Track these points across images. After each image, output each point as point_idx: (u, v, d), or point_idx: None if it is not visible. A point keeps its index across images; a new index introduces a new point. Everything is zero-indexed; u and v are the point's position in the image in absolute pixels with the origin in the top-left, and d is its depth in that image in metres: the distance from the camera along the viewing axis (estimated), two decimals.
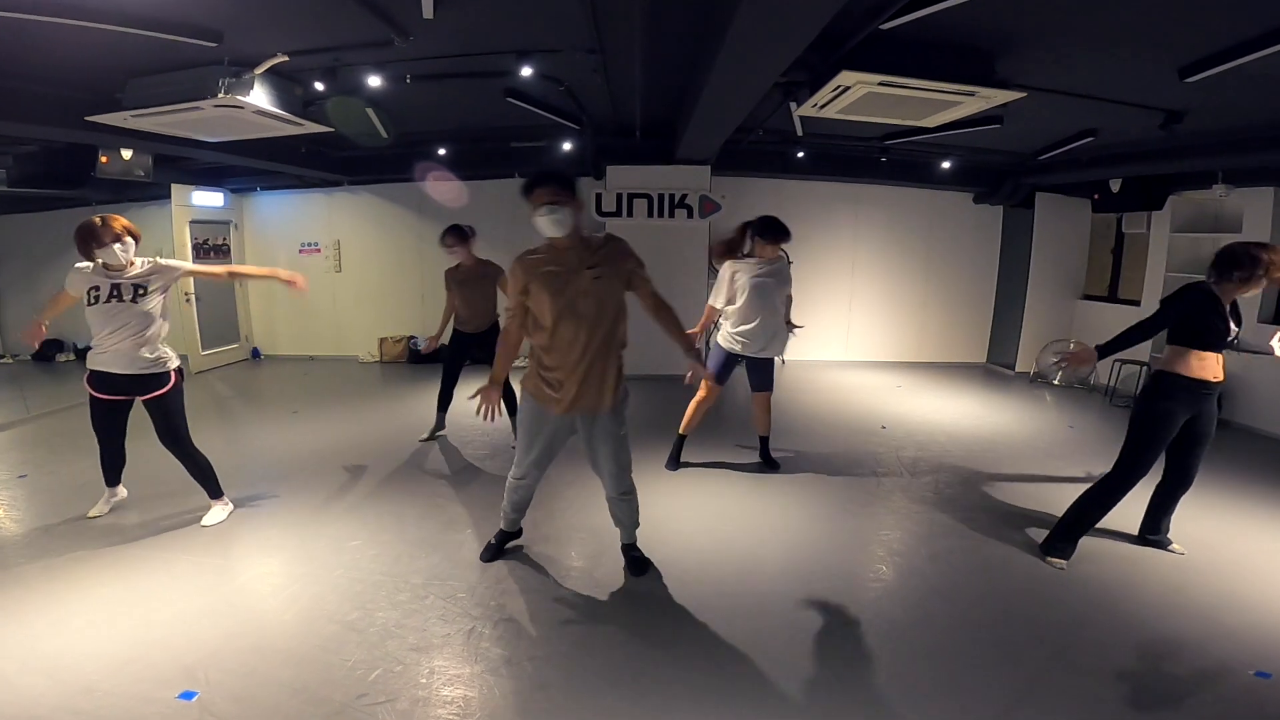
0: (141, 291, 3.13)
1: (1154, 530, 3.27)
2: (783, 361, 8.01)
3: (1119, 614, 2.71)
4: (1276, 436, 5.29)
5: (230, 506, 3.56)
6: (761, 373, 4.17)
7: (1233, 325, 2.92)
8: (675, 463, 4.33)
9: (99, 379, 3.19)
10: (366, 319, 8.24)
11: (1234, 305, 2.97)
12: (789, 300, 4.22)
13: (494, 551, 3.09)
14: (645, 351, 7.31)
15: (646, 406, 5.72)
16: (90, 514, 3.48)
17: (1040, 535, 3.34)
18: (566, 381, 2.62)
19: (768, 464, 4.36)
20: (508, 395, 4.70)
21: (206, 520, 3.43)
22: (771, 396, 4.25)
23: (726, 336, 4.08)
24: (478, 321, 4.72)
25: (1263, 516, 3.69)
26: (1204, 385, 2.91)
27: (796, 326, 4.35)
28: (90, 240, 3.06)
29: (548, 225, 2.60)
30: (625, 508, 2.94)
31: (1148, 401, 3.00)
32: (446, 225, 4.71)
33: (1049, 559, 3.13)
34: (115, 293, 3.09)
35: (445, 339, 4.88)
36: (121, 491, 3.62)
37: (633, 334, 2.83)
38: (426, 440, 4.91)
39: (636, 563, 3.00)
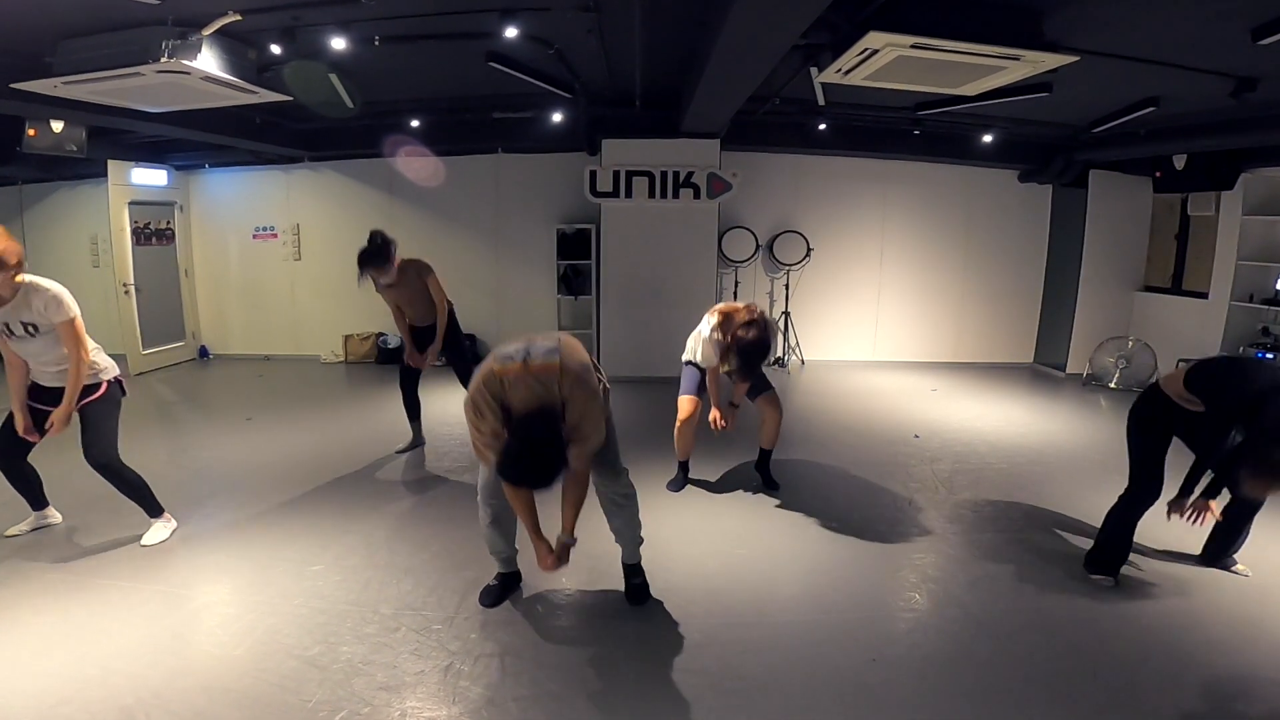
0: (33, 330, 3.06)
1: (1219, 553, 3.29)
2: (801, 363, 8.02)
3: (1183, 648, 2.71)
4: None
5: (173, 523, 3.56)
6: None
7: None
8: (680, 485, 4.30)
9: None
10: (329, 314, 8.24)
11: None
12: None
13: (496, 595, 2.98)
14: (643, 355, 7.36)
15: (642, 413, 5.72)
16: (8, 532, 3.48)
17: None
18: None
19: (766, 482, 4.32)
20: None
21: (147, 539, 3.44)
22: (779, 401, 4.18)
23: (691, 351, 4.05)
24: (423, 314, 4.72)
25: None
26: None
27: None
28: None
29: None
30: (625, 516, 2.92)
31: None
32: (360, 252, 4.52)
33: (1093, 576, 3.20)
34: (7, 330, 3.06)
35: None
36: (54, 515, 3.63)
37: (622, 338, 2.83)
38: (404, 451, 4.91)
39: (637, 590, 3.00)
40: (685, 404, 4.06)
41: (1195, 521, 2.88)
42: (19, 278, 2.97)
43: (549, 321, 7.92)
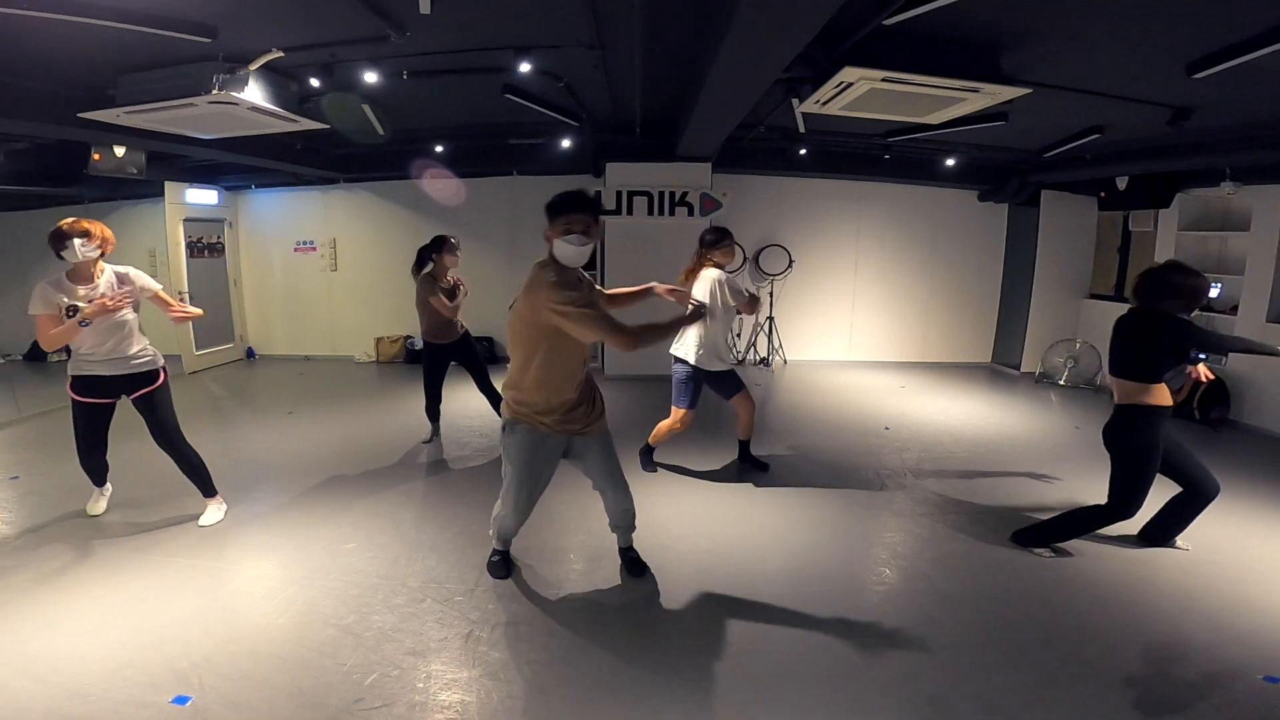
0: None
1: (1161, 537, 3.28)
2: (784, 362, 8.01)
3: (1126, 618, 2.71)
4: None
5: (224, 505, 3.56)
6: (726, 383, 4.05)
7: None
8: (650, 463, 4.32)
9: (86, 384, 3.20)
10: (362, 318, 8.23)
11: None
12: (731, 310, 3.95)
13: (505, 567, 2.98)
14: (643, 355, 7.33)
15: (641, 410, 5.71)
16: (90, 511, 3.49)
17: None
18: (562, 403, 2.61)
19: (755, 465, 4.32)
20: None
21: (204, 520, 3.44)
22: (751, 398, 4.13)
23: (686, 350, 3.94)
24: (452, 332, 4.70)
25: (1271, 519, 3.69)
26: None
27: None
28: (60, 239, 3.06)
29: (573, 255, 2.48)
30: (627, 516, 2.94)
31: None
32: (439, 234, 4.67)
33: (1034, 550, 3.24)
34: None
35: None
36: (108, 487, 3.64)
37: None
38: (428, 442, 4.91)
39: (635, 564, 3.00)
40: (683, 417, 4.00)
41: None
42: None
43: None
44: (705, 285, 3.84)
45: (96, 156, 5.50)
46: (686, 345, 3.94)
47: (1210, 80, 3.53)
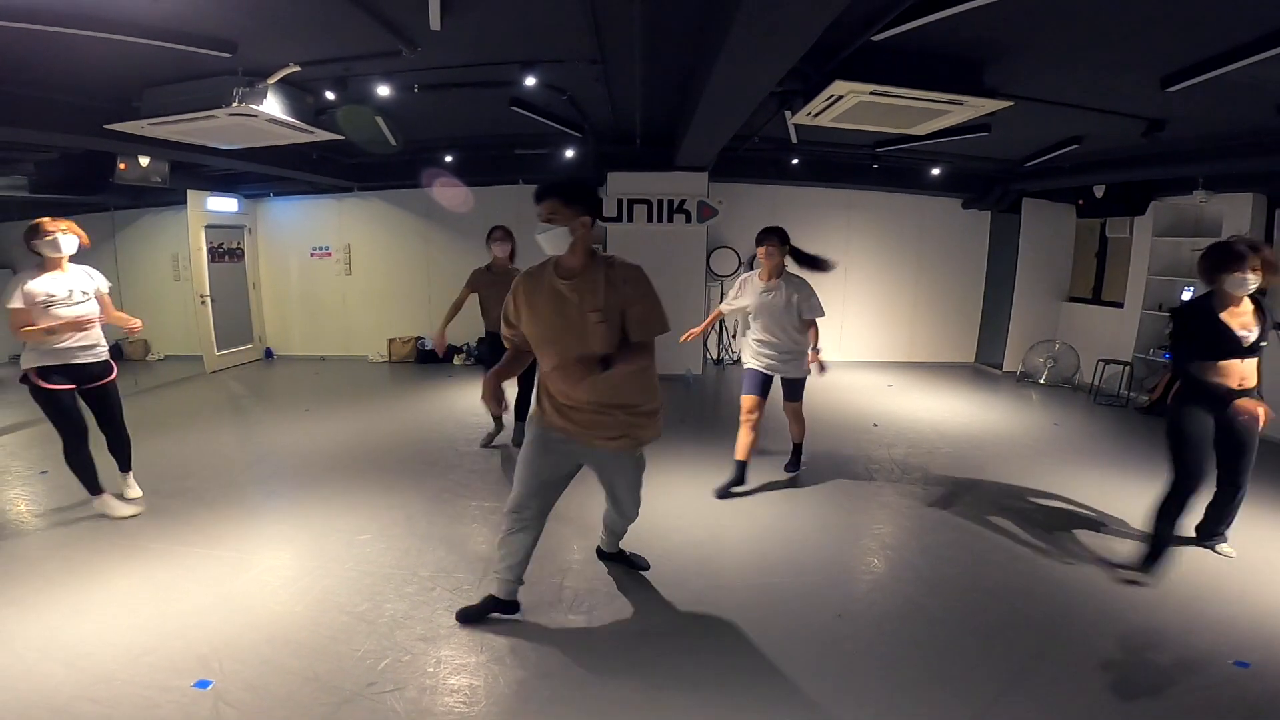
0: (85, 294, 3.31)
1: (1206, 535, 3.18)
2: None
3: (1103, 606, 2.71)
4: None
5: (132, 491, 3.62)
6: (788, 387, 3.93)
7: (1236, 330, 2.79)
8: (731, 486, 3.88)
9: (61, 372, 3.22)
10: (375, 320, 8.23)
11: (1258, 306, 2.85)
12: (806, 324, 3.87)
13: (473, 613, 2.53)
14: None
15: None
16: (117, 514, 3.41)
17: (1028, 528, 3.34)
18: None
19: (794, 466, 4.19)
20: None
21: (131, 493, 3.58)
22: (799, 406, 3.99)
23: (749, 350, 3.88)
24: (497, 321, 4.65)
25: (1242, 511, 3.68)
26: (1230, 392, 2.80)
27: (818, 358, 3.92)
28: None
29: (541, 243, 2.25)
30: (620, 524, 2.81)
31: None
32: (493, 225, 4.68)
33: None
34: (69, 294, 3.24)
35: (467, 338, 4.82)
36: (138, 488, 3.65)
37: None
38: (493, 436, 4.74)
39: (633, 559, 2.97)
40: (746, 401, 3.80)
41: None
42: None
43: None
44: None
45: (122, 166, 5.49)
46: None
47: (1183, 94, 3.53)
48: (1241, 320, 2.81)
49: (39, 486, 3.87)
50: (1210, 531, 3.17)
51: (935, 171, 7.05)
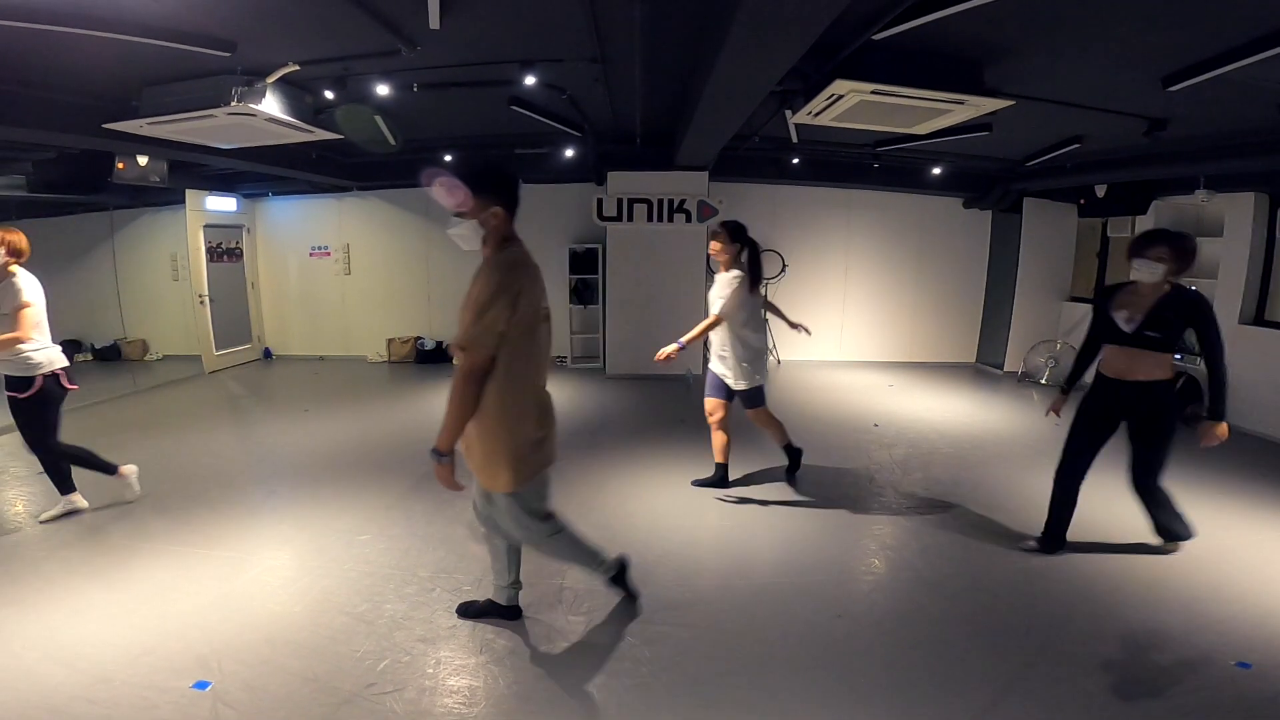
0: None
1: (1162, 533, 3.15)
2: (778, 362, 8.01)
3: (1104, 606, 2.71)
4: (1258, 435, 5.29)
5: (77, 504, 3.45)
6: (740, 397, 3.77)
7: (1119, 318, 2.87)
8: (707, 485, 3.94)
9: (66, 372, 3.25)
10: (375, 320, 8.23)
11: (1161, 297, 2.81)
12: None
13: (474, 609, 2.55)
14: (642, 355, 7.34)
15: (641, 406, 5.71)
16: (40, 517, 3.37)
17: (1029, 529, 3.34)
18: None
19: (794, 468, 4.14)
20: None
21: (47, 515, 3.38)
22: (762, 412, 3.83)
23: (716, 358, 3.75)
24: None
25: (1246, 513, 3.69)
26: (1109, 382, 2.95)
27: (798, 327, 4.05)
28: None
29: (456, 239, 2.09)
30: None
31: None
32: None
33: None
34: None
35: None
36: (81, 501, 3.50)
37: (625, 340, 2.77)
38: None
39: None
40: (707, 404, 3.78)
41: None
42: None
43: (563, 327, 7.91)
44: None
45: (120, 165, 5.50)
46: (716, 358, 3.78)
47: (1185, 93, 3.53)
48: (1129, 311, 2.85)
49: (38, 486, 3.87)
50: (1157, 529, 3.15)
51: (936, 171, 7.05)
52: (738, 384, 3.68)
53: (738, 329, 3.62)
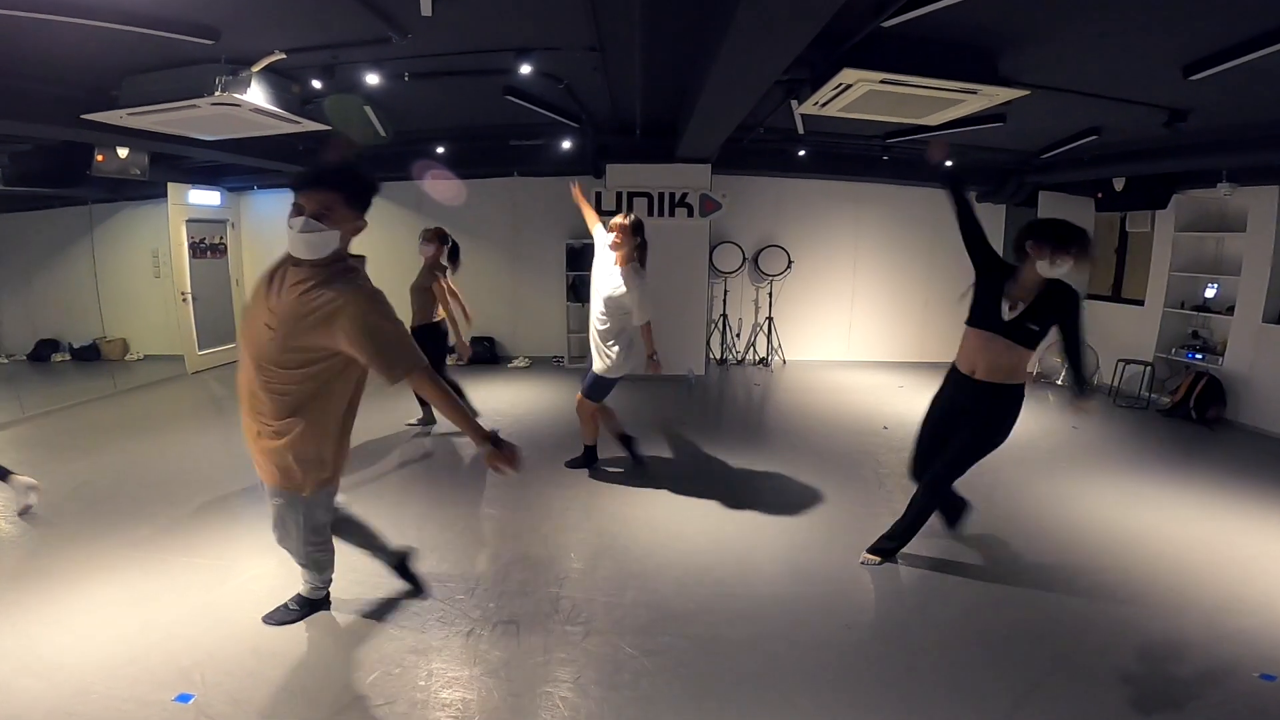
0: None
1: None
2: (783, 362, 8.01)
3: (1121, 616, 2.71)
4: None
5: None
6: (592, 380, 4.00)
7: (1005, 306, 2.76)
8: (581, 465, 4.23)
9: None
10: None
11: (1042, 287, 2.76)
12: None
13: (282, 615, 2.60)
14: (641, 355, 7.34)
15: (640, 406, 5.71)
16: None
17: (1044, 535, 3.34)
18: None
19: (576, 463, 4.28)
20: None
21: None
22: (600, 406, 4.09)
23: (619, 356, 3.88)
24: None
25: (1267, 517, 3.69)
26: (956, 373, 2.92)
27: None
28: None
29: (302, 243, 2.06)
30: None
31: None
32: (432, 228, 5.01)
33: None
34: None
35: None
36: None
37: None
38: (414, 425, 5.07)
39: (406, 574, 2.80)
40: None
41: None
42: None
43: (560, 326, 7.92)
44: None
45: (100, 158, 5.50)
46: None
47: (1207, 82, 3.52)
48: (1009, 300, 2.84)
49: (14, 493, 3.87)
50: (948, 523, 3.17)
51: (948, 163, 7.03)
52: (606, 370, 3.84)
53: (630, 320, 3.83)
